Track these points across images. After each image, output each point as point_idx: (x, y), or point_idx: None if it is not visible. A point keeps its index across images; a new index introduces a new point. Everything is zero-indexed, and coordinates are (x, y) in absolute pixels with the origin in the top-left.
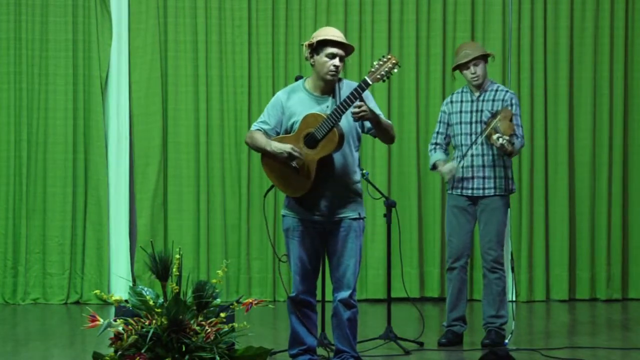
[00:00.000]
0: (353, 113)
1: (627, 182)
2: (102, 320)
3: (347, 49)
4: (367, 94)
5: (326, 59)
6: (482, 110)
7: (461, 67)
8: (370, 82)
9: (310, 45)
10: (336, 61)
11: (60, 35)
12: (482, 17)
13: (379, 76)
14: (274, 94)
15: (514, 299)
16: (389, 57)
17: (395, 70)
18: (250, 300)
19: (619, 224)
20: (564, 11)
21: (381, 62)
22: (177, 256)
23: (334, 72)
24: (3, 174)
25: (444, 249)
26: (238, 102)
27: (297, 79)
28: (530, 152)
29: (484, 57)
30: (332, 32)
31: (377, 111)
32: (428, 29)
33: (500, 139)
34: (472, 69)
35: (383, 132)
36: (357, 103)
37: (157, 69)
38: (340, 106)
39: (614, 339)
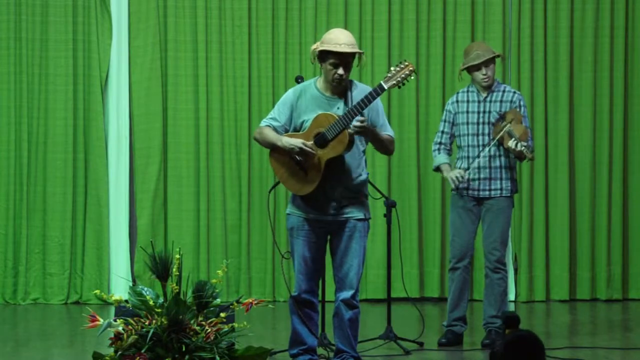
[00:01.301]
0: (354, 126)
1: (627, 182)
2: (102, 320)
3: (354, 54)
4: (378, 103)
5: (330, 67)
6: (489, 111)
7: (471, 68)
8: (386, 88)
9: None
10: (339, 70)
11: (60, 35)
12: (482, 17)
13: (394, 82)
14: (274, 94)
15: (514, 299)
16: (406, 63)
17: (412, 78)
18: (250, 300)
19: (619, 224)
20: (564, 11)
21: (398, 69)
22: (177, 256)
23: (337, 81)
24: (3, 174)
25: (444, 249)
26: (238, 102)
27: (297, 79)
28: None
29: (494, 58)
30: (336, 40)
31: (382, 121)
32: (428, 29)
33: (519, 145)
34: (483, 70)
35: (379, 147)
36: (360, 118)
37: (157, 69)
38: (354, 109)
39: (614, 339)
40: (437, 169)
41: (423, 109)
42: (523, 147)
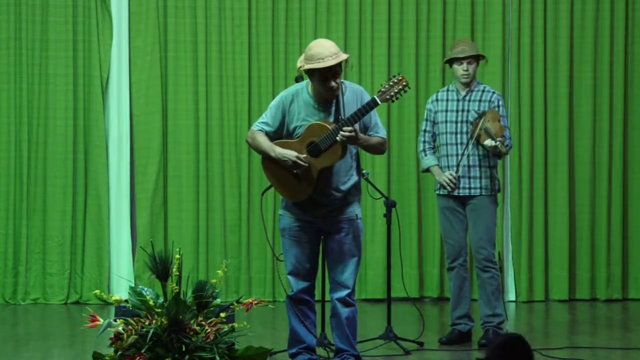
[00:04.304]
0: (342, 135)
1: (627, 182)
2: (102, 320)
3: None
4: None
5: (320, 81)
6: (468, 110)
7: (454, 61)
8: (380, 103)
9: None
10: (331, 83)
11: (60, 35)
12: (482, 17)
13: (388, 97)
14: (274, 94)
15: (514, 299)
16: (400, 78)
17: (405, 92)
18: (250, 300)
19: (619, 224)
20: (564, 11)
21: (391, 83)
22: (177, 256)
23: (332, 93)
24: (3, 174)
25: (444, 248)
26: (238, 102)
27: (297, 79)
28: (530, 152)
29: (478, 58)
30: (318, 55)
31: (374, 121)
32: (428, 29)
33: (494, 141)
34: (465, 65)
35: (370, 151)
36: (348, 128)
37: (157, 69)
38: (346, 121)
39: (614, 339)
40: (427, 170)
41: (423, 109)
42: (498, 143)
